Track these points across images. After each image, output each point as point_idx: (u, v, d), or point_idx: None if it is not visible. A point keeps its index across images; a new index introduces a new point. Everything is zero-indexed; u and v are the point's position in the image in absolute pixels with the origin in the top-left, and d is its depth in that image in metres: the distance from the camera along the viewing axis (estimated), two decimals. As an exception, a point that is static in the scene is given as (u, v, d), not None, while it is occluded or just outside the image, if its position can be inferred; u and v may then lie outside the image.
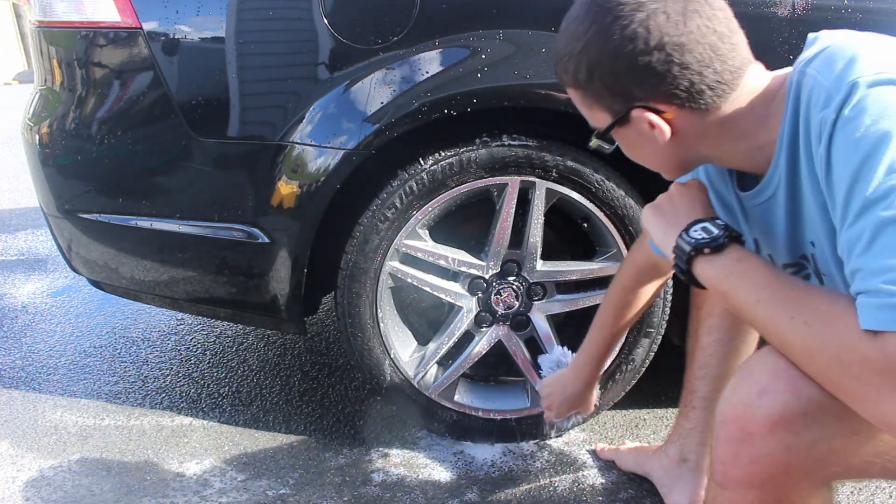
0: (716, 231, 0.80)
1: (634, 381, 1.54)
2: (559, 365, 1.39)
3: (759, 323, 0.72)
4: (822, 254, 0.76)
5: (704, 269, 0.79)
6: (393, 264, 1.40)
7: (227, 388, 1.82)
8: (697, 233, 0.81)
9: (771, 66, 0.83)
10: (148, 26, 1.29)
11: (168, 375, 1.88)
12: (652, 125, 0.77)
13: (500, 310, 1.46)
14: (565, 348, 1.42)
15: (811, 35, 0.77)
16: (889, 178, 0.61)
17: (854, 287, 0.63)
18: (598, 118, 0.83)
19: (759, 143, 0.78)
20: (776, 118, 0.75)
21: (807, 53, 0.74)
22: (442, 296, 1.45)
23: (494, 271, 1.43)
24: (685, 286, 1.47)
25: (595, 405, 1.39)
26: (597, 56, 0.76)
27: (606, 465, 1.49)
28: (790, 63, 0.78)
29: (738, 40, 0.77)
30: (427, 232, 1.43)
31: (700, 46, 0.73)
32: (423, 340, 1.56)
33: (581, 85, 0.80)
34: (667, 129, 0.77)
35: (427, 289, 1.43)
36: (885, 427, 0.62)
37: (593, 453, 1.53)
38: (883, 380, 0.60)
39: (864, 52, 0.68)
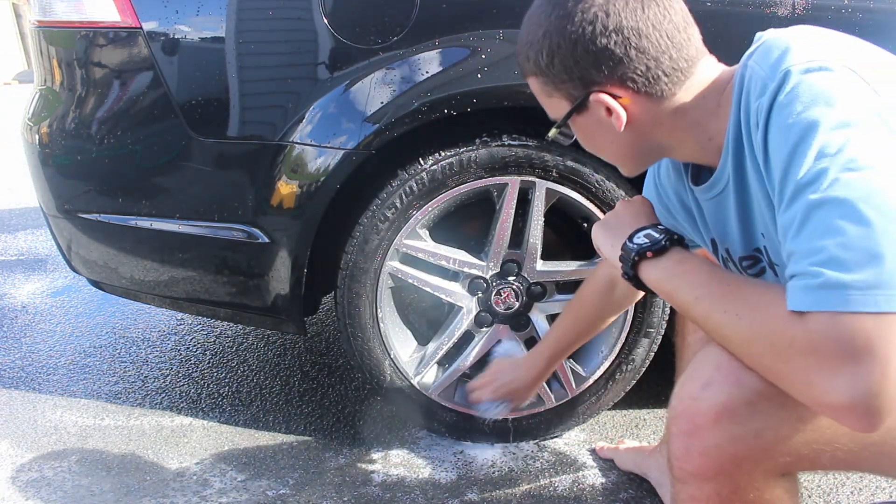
0: (657, 236, 0.84)
1: (634, 381, 1.54)
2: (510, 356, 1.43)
3: (700, 320, 0.75)
4: (772, 244, 0.77)
5: (649, 271, 0.83)
6: (393, 264, 1.40)
7: (227, 388, 1.82)
8: (640, 239, 0.85)
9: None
10: (148, 26, 1.29)
11: (168, 375, 1.88)
12: (609, 111, 0.80)
13: (500, 310, 1.46)
14: (521, 345, 1.47)
15: (758, 34, 0.79)
16: (818, 163, 0.62)
17: (788, 271, 0.65)
18: (557, 107, 0.86)
19: (710, 133, 0.80)
20: (725, 109, 0.77)
21: (751, 49, 0.77)
22: (442, 296, 1.45)
23: (494, 271, 1.43)
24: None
25: (527, 402, 1.41)
26: (557, 39, 0.78)
27: (606, 466, 1.49)
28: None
29: (693, 33, 0.79)
30: (427, 232, 1.43)
31: (657, 33, 0.76)
32: (423, 340, 1.56)
33: (542, 70, 0.82)
34: (623, 114, 0.79)
35: (427, 289, 1.43)
36: (821, 408, 0.63)
37: (593, 453, 1.53)
38: (810, 359, 0.61)
39: (798, 43, 0.71)
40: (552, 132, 0.88)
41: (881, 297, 0.58)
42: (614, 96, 0.79)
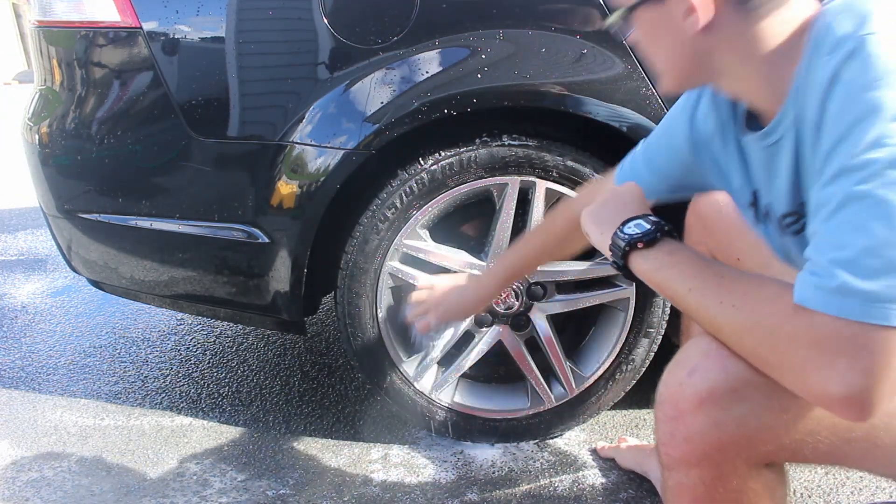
0: (648, 226, 0.82)
1: (634, 381, 1.54)
2: None
3: (692, 310, 0.75)
4: None
5: (639, 262, 0.82)
6: (393, 264, 1.40)
7: (227, 388, 1.82)
8: (631, 228, 0.83)
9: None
10: (148, 26, 1.29)
11: (168, 375, 1.88)
12: (691, 9, 0.72)
13: (500, 310, 1.46)
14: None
15: None
16: (872, 151, 0.60)
17: (808, 251, 0.64)
18: None
19: (777, 74, 0.73)
20: (798, 54, 0.71)
21: None
22: (442, 296, 1.45)
23: (494, 271, 1.43)
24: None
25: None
26: None
27: (606, 465, 1.49)
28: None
29: None
30: (427, 232, 1.43)
31: None
32: (423, 340, 1.56)
33: None
34: (705, 15, 0.72)
35: (427, 289, 1.43)
36: (814, 398, 0.64)
37: (593, 453, 1.53)
38: (811, 352, 0.62)
39: (885, 8, 0.65)
40: (613, 17, 0.81)
41: (892, 312, 0.58)
42: None
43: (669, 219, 0.85)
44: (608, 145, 1.38)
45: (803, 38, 0.71)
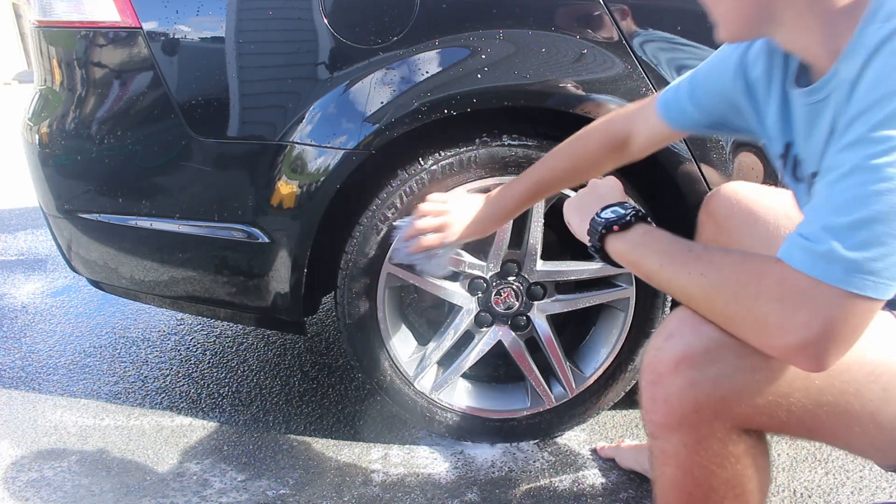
0: (623, 211, 0.90)
1: (634, 381, 1.54)
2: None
3: (665, 284, 0.80)
4: None
5: (615, 244, 0.89)
6: (393, 264, 1.40)
7: (227, 388, 1.82)
8: (607, 214, 0.91)
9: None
10: (148, 26, 1.29)
11: (168, 375, 1.88)
12: None
13: (500, 310, 1.46)
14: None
15: None
16: (893, 129, 0.61)
17: (806, 208, 0.67)
18: None
19: (835, 32, 0.72)
20: (859, 16, 0.69)
21: None
22: (442, 296, 1.45)
23: (494, 271, 1.43)
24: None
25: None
26: None
27: (606, 465, 1.49)
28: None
29: None
30: (427, 232, 1.43)
31: None
32: (423, 340, 1.56)
33: None
34: None
35: (427, 289, 1.43)
36: (771, 349, 0.68)
37: (593, 452, 1.53)
38: (772, 306, 0.67)
39: None
40: None
41: (869, 283, 0.62)
42: None
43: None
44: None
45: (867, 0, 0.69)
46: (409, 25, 1.27)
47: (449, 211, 1.28)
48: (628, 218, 0.88)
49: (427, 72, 1.28)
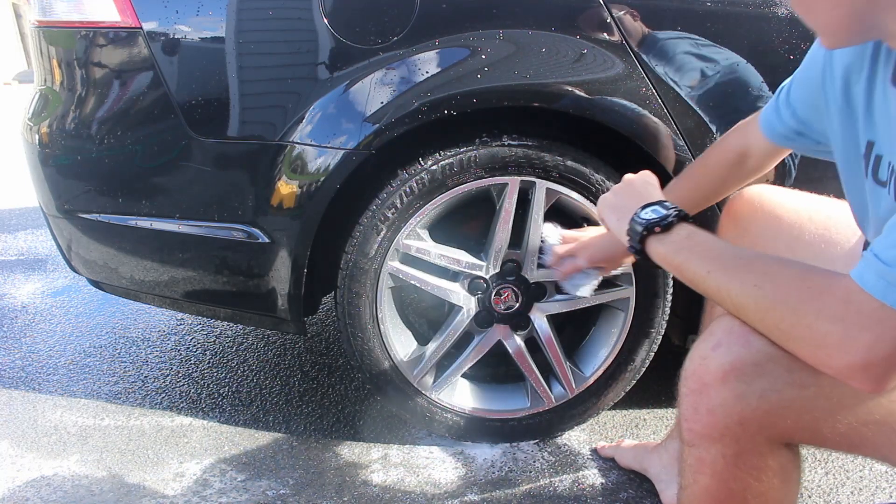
0: (664, 211, 0.84)
1: (634, 381, 1.54)
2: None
3: (712, 292, 0.77)
4: None
5: (656, 247, 0.84)
6: (393, 264, 1.40)
7: (227, 388, 1.82)
8: (648, 214, 0.85)
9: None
10: (148, 26, 1.29)
11: (168, 375, 1.88)
12: None
13: (500, 310, 1.46)
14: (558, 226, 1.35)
15: None
16: None
17: (889, 225, 0.65)
18: None
19: None
20: None
21: None
22: (442, 296, 1.45)
23: (494, 271, 1.43)
24: (686, 287, 1.48)
25: (613, 268, 1.28)
26: None
27: (606, 465, 1.49)
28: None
29: None
30: (427, 232, 1.43)
31: None
32: (422, 340, 1.56)
33: None
34: None
35: (427, 289, 1.43)
36: (829, 368, 0.66)
37: (593, 452, 1.53)
38: (833, 326, 0.65)
39: None
40: None
41: None
42: None
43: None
44: (608, 145, 1.38)
45: None
46: (409, 25, 1.27)
47: (580, 242, 1.25)
48: (670, 219, 0.83)
49: (427, 72, 1.28)
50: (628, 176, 0.97)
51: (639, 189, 0.93)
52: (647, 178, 0.95)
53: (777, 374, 0.72)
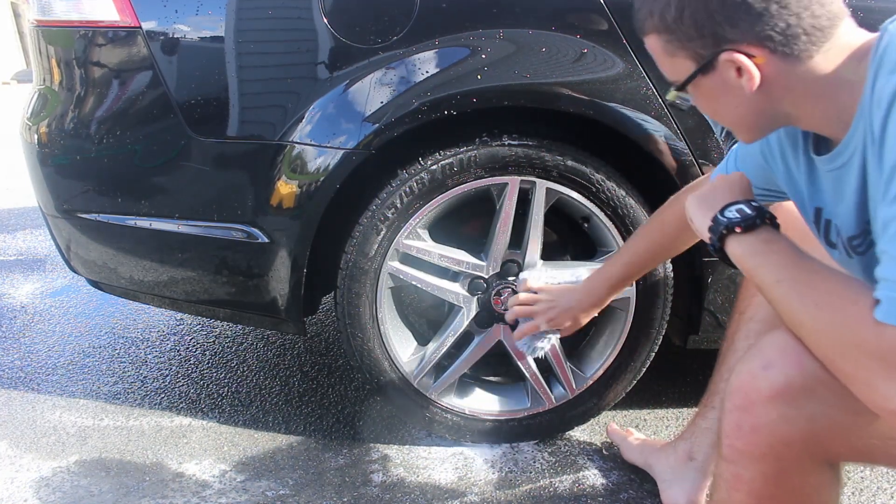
0: (749, 212, 0.82)
1: (634, 382, 1.54)
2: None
3: (777, 302, 0.75)
4: None
5: (734, 246, 0.82)
6: (393, 264, 1.40)
7: (227, 388, 1.82)
8: (732, 213, 0.84)
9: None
10: (147, 26, 1.29)
11: (167, 376, 1.88)
12: (740, 71, 0.74)
13: (500, 310, 1.46)
14: (548, 269, 1.40)
15: None
16: None
17: (878, 270, 0.64)
18: (679, 67, 0.79)
19: (841, 104, 0.73)
20: (861, 80, 0.70)
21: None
22: (442, 296, 1.45)
23: (494, 271, 1.43)
24: (686, 287, 1.48)
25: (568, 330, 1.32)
26: None
27: (607, 466, 1.49)
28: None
29: None
30: (427, 232, 1.43)
31: None
32: (422, 341, 1.55)
33: (667, 27, 0.76)
34: (757, 74, 0.73)
35: (427, 289, 1.43)
36: (881, 411, 0.65)
37: (594, 453, 1.53)
38: (876, 364, 0.63)
39: None
40: (671, 94, 0.82)
41: None
42: (748, 55, 0.72)
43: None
44: (608, 145, 1.38)
45: (864, 60, 0.71)
46: (409, 25, 1.27)
47: (542, 299, 1.29)
48: (754, 220, 0.81)
49: (427, 71, 1.27)
50: (720, 176, 0.96)
51: (726, 188, 0.91)
52: (738, 177, 0.93)
53: (827, 400, 0.71)
